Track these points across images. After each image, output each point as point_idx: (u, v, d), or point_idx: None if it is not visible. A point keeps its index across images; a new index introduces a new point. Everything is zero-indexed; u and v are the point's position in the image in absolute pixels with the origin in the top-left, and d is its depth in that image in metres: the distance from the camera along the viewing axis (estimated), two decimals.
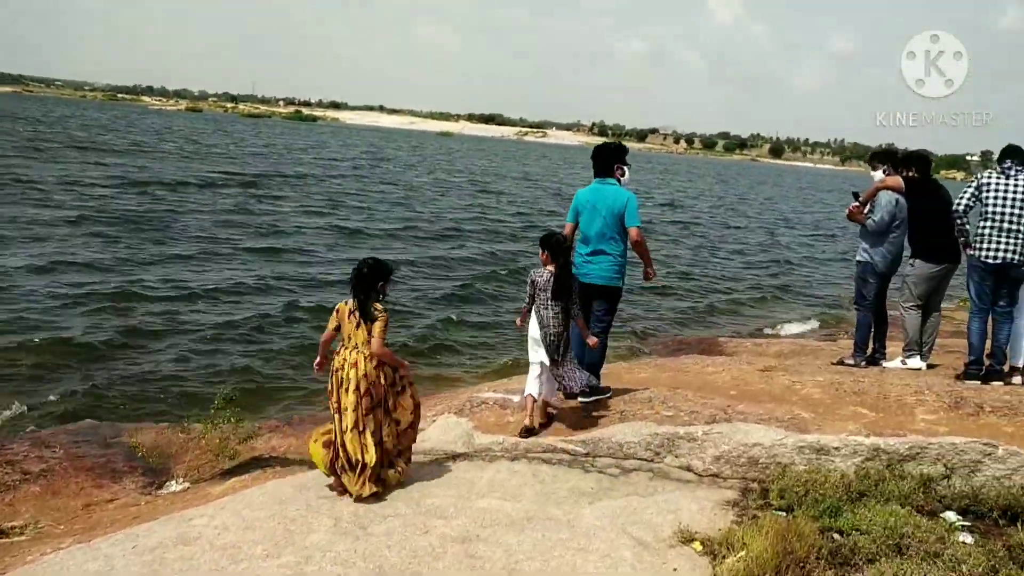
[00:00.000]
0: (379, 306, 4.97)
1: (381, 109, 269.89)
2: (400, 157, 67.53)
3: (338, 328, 5.02)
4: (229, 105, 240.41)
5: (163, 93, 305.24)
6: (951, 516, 4.81)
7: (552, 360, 5.77)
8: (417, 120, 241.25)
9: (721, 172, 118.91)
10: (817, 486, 5.01)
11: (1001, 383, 6.64)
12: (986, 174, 6.64)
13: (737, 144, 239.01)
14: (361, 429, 4.87)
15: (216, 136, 70.24)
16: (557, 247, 5.79)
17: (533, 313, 5.86)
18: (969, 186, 6.68)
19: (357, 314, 4.92)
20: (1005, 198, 6.48)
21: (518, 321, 6.14)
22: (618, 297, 6.45)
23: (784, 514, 4.86)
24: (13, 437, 6.89)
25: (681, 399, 6.35)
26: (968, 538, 4.48)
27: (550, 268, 5.79)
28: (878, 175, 7.83)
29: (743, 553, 4.21)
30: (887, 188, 7.55)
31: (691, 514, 4.79)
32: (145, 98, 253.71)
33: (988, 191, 6.55)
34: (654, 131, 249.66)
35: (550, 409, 6.18)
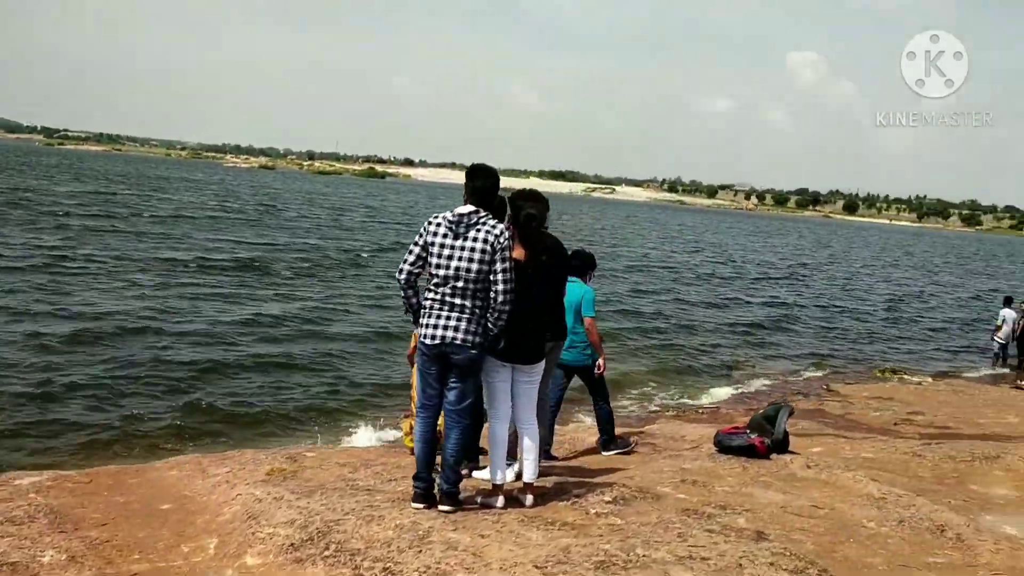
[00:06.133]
0: None
1: (453, 166, 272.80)
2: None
3: None
4: (306, 163, 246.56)
5: (249, 151, 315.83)
6: None
7: None
8: None
9: (763, 228, 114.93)
10: None
11: (451, 508, 4.82)
12: (435, 224, 4.86)
13: (811, 200, 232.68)
14: None
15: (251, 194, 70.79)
16: None
17: None
18: (416, 242, 4.93)
19: None
20: (451, 258, 4.78)
21: None
22: (587, 371, 7.34)
23: None
24: None
25: None
26: None
27: None
28: None
29: None
30: None
31: None
32: (228, 156, 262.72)
33: (434, 248, 4.82)
34: (725, 187, 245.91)
35: None
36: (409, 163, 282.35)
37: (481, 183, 4.89)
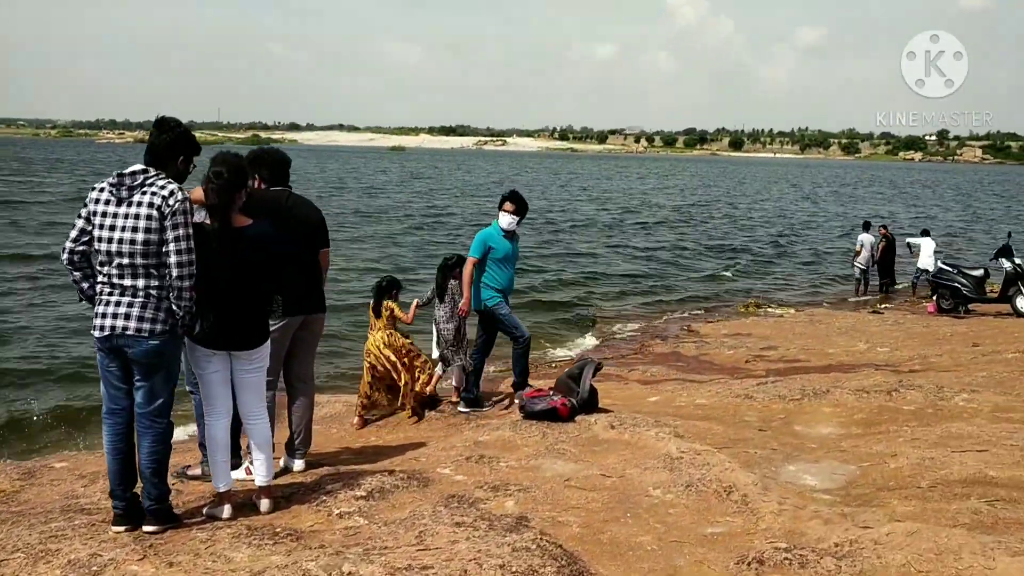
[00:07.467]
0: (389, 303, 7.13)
1: (340, 128, 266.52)
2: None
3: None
4: None
5: (126, 126, 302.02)
6: None
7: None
8: (377, 136, 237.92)
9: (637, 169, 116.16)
10: None
11: (157, 528, 4.05)
12: (98, 188, 3.99)
13: (698, 139, 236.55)
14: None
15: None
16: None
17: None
18: (80, 213, 3.99)
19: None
20: (113, 229, 3.97)
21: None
22: (484, 316, 7.24)
23: None
24: None
25: None
26: None
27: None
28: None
29: None
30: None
31: None
32: (103, 132, 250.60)
33: (96, 218, 4.00)
34: (615, 132, 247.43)
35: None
36: (296, 128, 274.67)
37: (156, 137, 4.06)
